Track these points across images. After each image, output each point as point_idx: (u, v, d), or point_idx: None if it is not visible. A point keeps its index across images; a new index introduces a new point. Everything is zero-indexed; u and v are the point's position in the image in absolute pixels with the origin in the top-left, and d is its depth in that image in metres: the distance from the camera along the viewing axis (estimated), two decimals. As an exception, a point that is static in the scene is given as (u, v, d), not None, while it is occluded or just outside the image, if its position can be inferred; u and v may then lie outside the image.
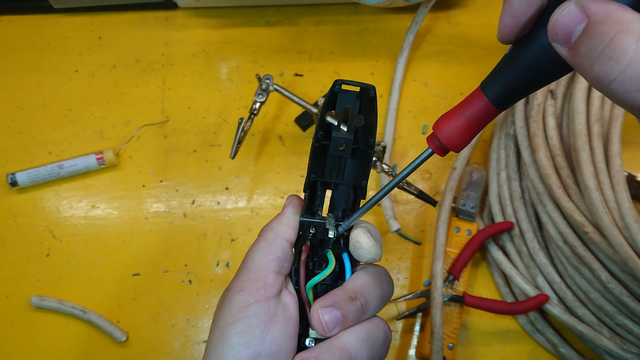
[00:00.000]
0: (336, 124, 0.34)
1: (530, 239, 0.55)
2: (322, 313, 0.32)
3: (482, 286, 0.58)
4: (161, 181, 0.62)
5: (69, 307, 0.56)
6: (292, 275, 0.35)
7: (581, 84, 0.54)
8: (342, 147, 0.34)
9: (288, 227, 0.35)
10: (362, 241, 0.33)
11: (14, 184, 0.61)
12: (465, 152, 0.59)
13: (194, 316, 0.57)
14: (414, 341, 0.56)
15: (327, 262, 0.34)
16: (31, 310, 0.57)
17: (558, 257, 0.54)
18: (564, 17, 0.21)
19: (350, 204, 0.36)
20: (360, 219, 0.34)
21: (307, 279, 0.34)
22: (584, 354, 0.53)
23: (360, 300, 0.33)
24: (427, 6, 0.66)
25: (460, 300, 0.54)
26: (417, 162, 0.29)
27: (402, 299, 0.56)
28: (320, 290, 0.35)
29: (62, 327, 0.56)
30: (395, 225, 0.57)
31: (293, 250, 0.35)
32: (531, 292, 0.53)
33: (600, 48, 0.20)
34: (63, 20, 0.71)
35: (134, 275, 0.58)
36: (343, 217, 0.36)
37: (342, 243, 0.35)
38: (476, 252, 0.56)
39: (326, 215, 0.36)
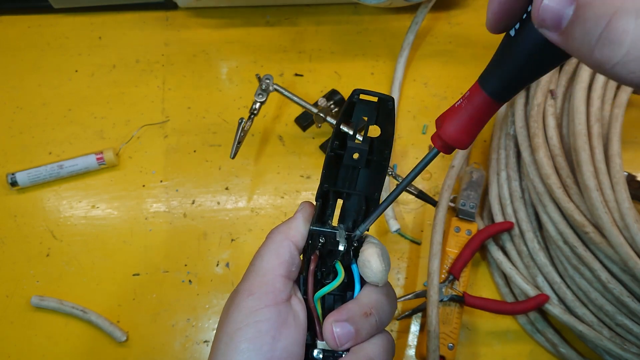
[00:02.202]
0: (352, 133, 0.33)
1: (530, 239, 0.55)
2: (336, 327, 0.32)
3: (482, 286, 0.58)
4: (161, 181, 0.62)
5: (69, 307, 0.56)
6: (301, 285, 0.35)
7: (581, 84, 0.54)
8: (356, 157, 0.34)
9: (297, 232, 0.34)
10: (372, 262, 0.32)
11: (14, 184, 0.61)
12: (464, 150, 0.59)
13: (194, 316, 0.57)
14: (414, 341, 0.56)
15: (335, 273, 0.34)
16: (31, 310, 0.57)
17: (558, 257, 0.54)
18: (550, 1, 0.20)
19: (362, 215, 0.35)
20: (373, 236, 0.35)
21: (315, 289, 0.34)
22: (584, 354, 0.53)
23: (375, 317, 0.33)
24: (427, 6, 0.66)
25: (460, 300, 0.54)
26: (424, 162, 0.29)
27: (402, 299, 0.55)
28: (328, 301, 0.34)
29: (62, 327, 0.56)
30: (395, 225, 0.57)
31: (301, 257, 0.35)
32: (531, 292, 0.53)
33: (598, 32, 0.18)
34: (63, 20, 0.71)
35: (134, 275, 0.58)
36: (354, 228, 0.35)
37: (352, 254, 0.34)
38: (476, 252, 0.56)
39: (337, 226, 0.35)
